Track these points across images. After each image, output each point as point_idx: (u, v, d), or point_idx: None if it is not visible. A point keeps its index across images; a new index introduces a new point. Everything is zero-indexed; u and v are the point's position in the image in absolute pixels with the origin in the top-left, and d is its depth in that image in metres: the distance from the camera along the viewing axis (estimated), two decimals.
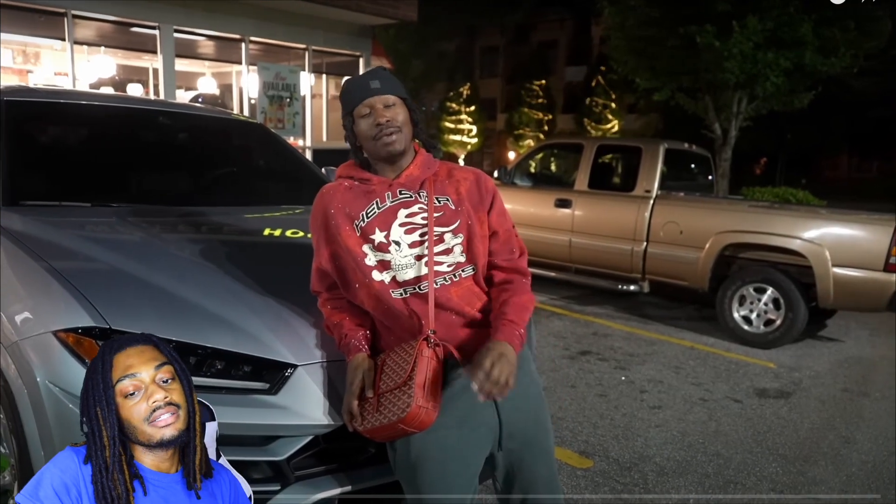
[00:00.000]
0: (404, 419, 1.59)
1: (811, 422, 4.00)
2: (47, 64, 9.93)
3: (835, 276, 5.19)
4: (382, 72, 1.81)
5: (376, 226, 1.74)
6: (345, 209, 1.77)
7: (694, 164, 7.79)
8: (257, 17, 10.53)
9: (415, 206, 1.75)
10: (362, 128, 1.75)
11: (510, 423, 1.74)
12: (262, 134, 3.77)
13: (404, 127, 1.75)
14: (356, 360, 1.75)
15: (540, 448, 1.79)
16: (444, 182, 1.81)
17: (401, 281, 1.72)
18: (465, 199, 1.79)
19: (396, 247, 1.72)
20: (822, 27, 10.26)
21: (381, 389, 1.67)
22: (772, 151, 30.73)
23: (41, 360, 1.81)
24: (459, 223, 1.76)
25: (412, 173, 1.78)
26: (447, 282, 1.72)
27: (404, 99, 1.78)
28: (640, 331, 5.91)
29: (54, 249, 2.15)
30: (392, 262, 1.72)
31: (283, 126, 10.87)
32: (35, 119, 2.99)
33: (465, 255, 1.75)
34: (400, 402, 1.61)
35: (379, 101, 1.74)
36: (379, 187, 1.77)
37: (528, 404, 1.78)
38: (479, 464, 1.75)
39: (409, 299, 1.71)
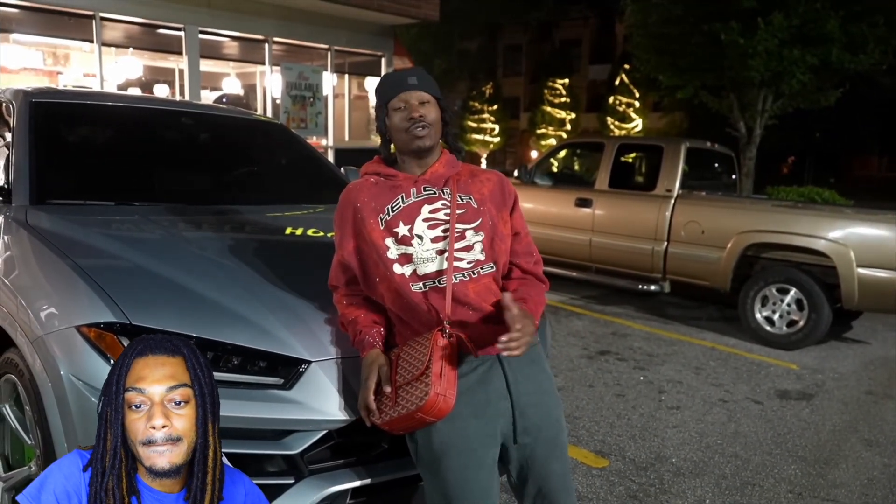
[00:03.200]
0: (423, 407, 1.60)
1: (833, 424, 3.95)
2: (76, 65, 10.13)
3: (860, 276, 5.11)
4: (420, 70, 1.86)
5: (400, 219, 1.77)
6: (371, 203, 1.81)
7: (717, 163, 7.71)
8: (280, 17, 10.64)
9: (438, 203, 1.79)
10: (395, 120, 1.79)
11: (525, 416, 1.76)
12: (282, 134, 3.82)
13: (435, 125, 1.80)
14: (371, 355, 1.77)
15: (553, 443, 1.81)
16: (467, 181, 1.86)
17: (421, 274, 1.75)
18: (488, 199, 1.84)
19: (419, 240, 1.76)
20: (850, 23, 10.10)
21: (398, 382, 1.69)
22: (799, 150, 30.25)
23: (65, 353, 1.86)
24: (481, 221, 1.80)
25: (437, 171, 1.83)
26: (466, 278, 1.75)
27: (438, 99, 1.83)
28: (661, 331, 5.87)
29: (79, 247, 2.20)
30: (414, 255, 1.76)
31: (305, 126, 10.97)
32: (61, 120, 3.06)
33: (484, 254, 1.78)
34: (417, 391, 1.63)
35: (414, 97, 1.78)
36: (405, 183, 1.82)
37: (542, 399, 1.81)
38: (496, 455, 1.77)
39: (429, 293, 1.74)
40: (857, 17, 10.13)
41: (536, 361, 1.85)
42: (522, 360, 1.78)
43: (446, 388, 1.63)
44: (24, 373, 1.98)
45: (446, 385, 1.63)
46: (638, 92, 28.22)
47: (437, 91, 1.84)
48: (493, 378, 1.76)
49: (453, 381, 1.66)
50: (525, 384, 1.78)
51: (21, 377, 2.01)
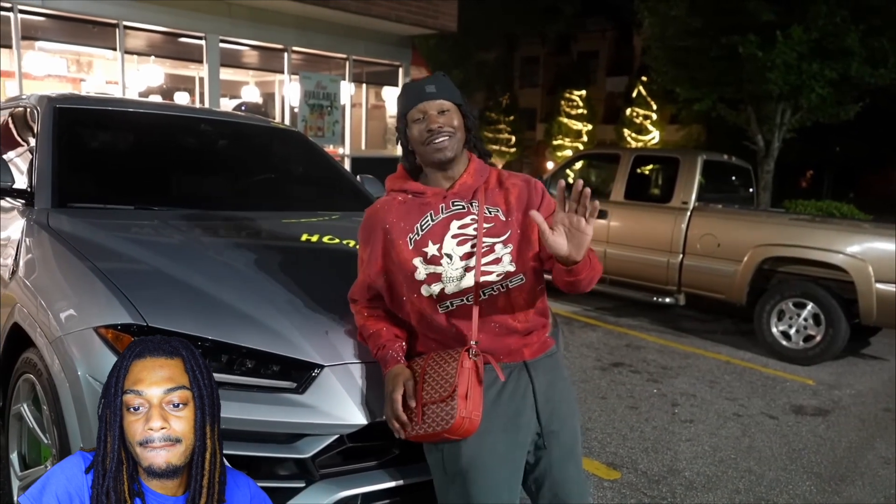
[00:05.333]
0: (449, 430, 1.62)
1: (849, 441, 3.90)
2: (99, 73, 10.30)
3: (878, 292, 5.05)
4: (440, 77, 1.80)
5: (430, 238, 1.74)
6: (400, 223, 1.77)
7: (734, 176, 7.66)
8: (300, 27, 10.76)
9: (467, 218, 1.75)
10: (414, 133, 1.74)
11: (548, 423, 1.77)
12: (299, 141, 3.86)
13: (457, 133, 1.74)
14: (395, 370, 1.76)
15: (570, 450, 1.82)
16: (494, 191, 1.81)
17: (449, 293, 1.73)
18: (515, 207, 1.78)
19: (448, 259, 1.72)
20: (871, 37, 10.00)
21: (425, 400, 1.67)
22: (818, 164, 29.97)
23: (82, 354, 1.89)
24: (510, 234, 1.76)
25: (466, 182, 1.78)
26: (495, 292, 1.73)
27: (459, 105, 1.77)
28: (675, 344, 5.83)
29: (98, 250, 2.24)
30: (443, 274, 1.72)
31: (322, 134, 11.05)
32: (84, 125, 3.12)
33: (514, 265, 1.74)
34: (444, 413, 1.63)
35: (432, 107, 1.73)
36: (434, 199, 1.77)
37: (562, 406, 1.82)
38: (522, 468, 1.78)
39: (455, 311, 1.73)
40: (878, 31, 10.03)
41: (557, 369, 1.85)
42: (545, 367, 1.80)
43: (471, 410, 1.63)
44: (43, 373, 2.01)
45: (472, 407, 1.63)
46: (655, 104, 28.13)
47: (457, 97, 1.78)
48: (522, 387, 1.75)
49: (479, 402, 1.65)
50: (549, 391, 1.79)
51: (39, 377, 2.04)
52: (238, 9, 10.02)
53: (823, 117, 11.41)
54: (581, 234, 1.56)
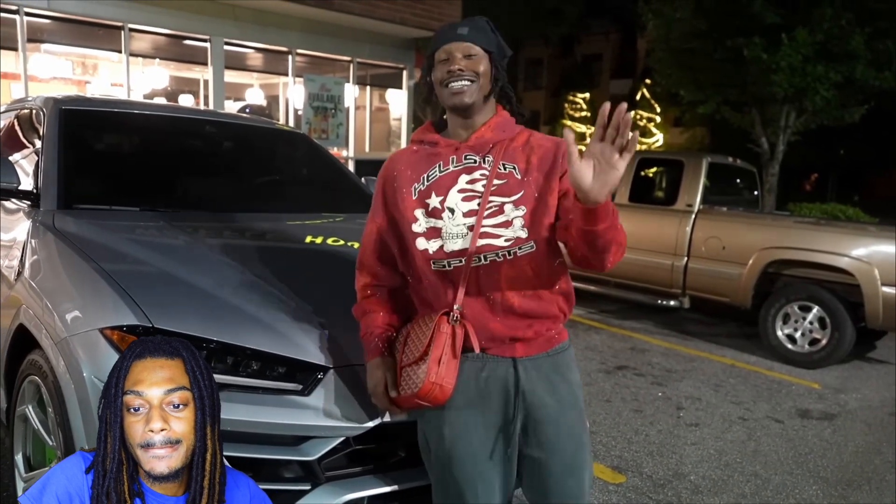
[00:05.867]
0: (418, 394, 1.57)
1: (856, 445, 3.87)
2: (104, 75, 10.32)
3: (884, 295, 5.03)
4: (478, 21, 1.67)
5: (434, 190, 1.63)
6: (408, 171, 1.68)
7: (739, 179, 7.64)
8: (304, 30, 10.78)
9: (477, 173, 1.62)
10: (437, 73, 1.63)
11: (539, 430, 1.65)
12: (304, 143, 3.86)
13: (480, 79, 1.61)
14: (375, 362, 1.71)
15: (571, 460, 1.68)
16: (516, 149, 1.65)
17: (448, 251, 1.60)
18: (536, 168, 1.62)
19: (450, 214, 1.61)
20: (876, 40, 9.99)
21: (404, 362, 1.63)
22: (823, 167, 29.89)
23: (88, 356, 1.89)
24: (523, 194, 1.60)
25: (483, 135, 1.65)
26: (499, 258, 1.59)
27: (491, 53, 1.64)
28: (680, 347, 5.82)
29: (104, 251, 2.24)
30: (443, 229, 1.61)
31: (326, 136, 11.06)
32: (89, 127, 3.12)
33: (526, 231, 1.59)
34: (415, 376, 1.58)
35: (459, 49, 1.61)
36: (445, 150, 1.67)
37: (561, 413, 1.67)
38: (504, 450, 1.66)
39: (451, 272, 1.61)
40: (883, 34, 10.02)
41: (560, 371, 1.70)
42: (544, 369, 1.67)
43: (443, 376, 1.55)
44: (48, 374, 2.01)
45: (444, 374, 1.55)
46: (659, 107, 28.12)
47: (491, 44, 1.64)
48: (502, 378, 1.64)
49: (453, 370, 1.57)
50: (543, 396, 1.65)
51: (45, 379, 2.04)
52: (242, 11, 10.04)
53: (828, 120, 11.39)
54: (610, 168, 1.36)
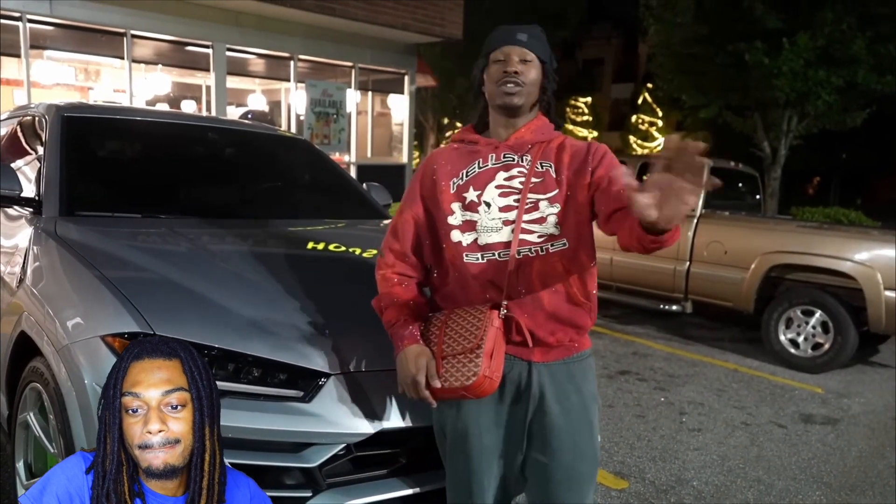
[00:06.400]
0: (468, 387, 1.56)
1: (859, 450, 3.86)
2: (107, 81, 10.36)
3: (887, 299, 5.02)
4: (535, 30, 1.75)
5: (471, 184, 1.71)
6: (447, 167, 1.76)
7: (741, 183, 7.64)
8: (306, 35, 10.80)
9: (515, 170, 1.70)
10: (492, 71, 1.71)
11: (543, 435, 1.67)
12: (306, 149, 3.87)
13: (531, 86, 1.70)
14: (416, 349, 1.67)
15: (570, 471, 1.69)
16: (552, 150, 1.73)
17: (482, 244, 1.67)
18: (567, 166, 1.69)
19: (486, 208, 1.68)
20: (877, 44, 10.00)
21: (445, 353, 1.62)
22: (825, 171, 29.87)
23: (89, 362, 1.89)
24: (558, 192, 1.67)
25: (523, 136, 1.73)
26: (532, 253, 1.65)
27: (544, 63, 1.73)
28: (682, 352, 5.80)
29: (105, 258, 2.24)
30: (478, 223, 1.68)
31: (328, 142, 11.08)
32: (91, 134, 3.13)
33: (559, 228, 1.66)
34: (465, 368, 1.58)
35: (517, 53, 1.69)
36: (484, 149, 1.75)
37: (567, 422, 1.69)
38: (507, 466, 1.72)
39: (486, 265, 1.66)
40: (885, 38, 10.03)
41: (575, 380, 1.71)
42: (558, 376, 1.69)
43: (494, 370, 1.57)
44: (50, 382, 2.01)
45: (494, 368, 1.58)
46: (661, 111, 28.13)
47: (545, 54, 1.73)
48: (516, 379, 1.67)
49: (500, 364, 1.60)
50: (552, 403, 1.67)
51: (46, 386, 2.04)
52: (245, 17, 10.07)
53: (830, 124, 11.40)
54: (679, 202, 1.25)
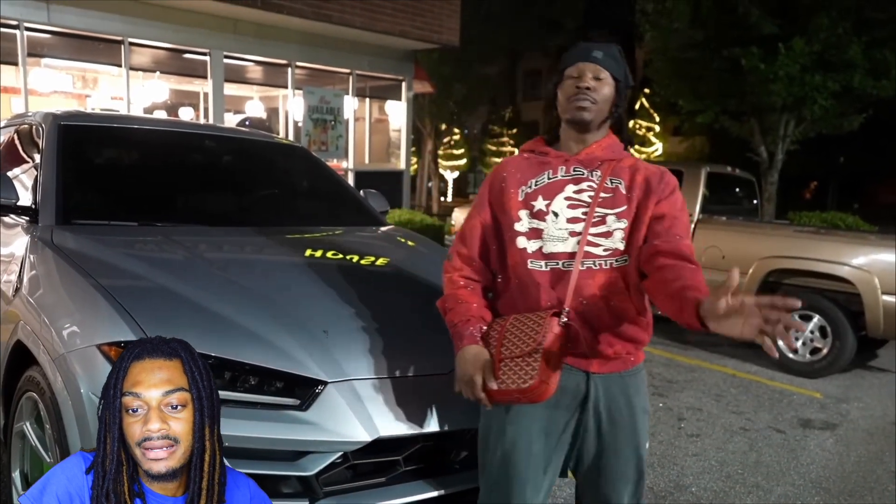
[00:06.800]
0: (524, 390, 1.58)
1: (858, 455, 3.86)
2: (104, 88, 10.36)
3: (885, 304, 5.02)
4: (611, 48, 1.78)
5: (540, 194, 1.75)
6: (517, 175, 1.80)
7: (738, 188, 7.65)
8: (303, 42, 10.82)
9: (584, 184, 1.73)
10: (565, 86, 1.75)
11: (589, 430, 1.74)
12: (303, 156, 3.87)
13: (602, 104, 1.73)
14: (475, 349, 1.70)
15: (608, 481, 1.77)
16: (623, 168, 1.76)
17: (546, 253, 1.71)
18: (639, 186, 1.73)
19: (554, 217, 1.72)
20: (873, 49, 10.04)
21: (504, 355, 1.64)
22: (823, 175, 29.93)
23: (85, 371, 1.88)
24: (626, 208, 1.71)
25: (593, 152, 1.77)
26: (595, 266, 1.69)
27: (618, 81, 1.76)
28: (680, 357, 5.80)
29: (102, 266, 2.24)
30: (545, 231, 1.72)
31: (326, 148, 11.09)
32: (88, 142, 3.13)
33: (624, 243, 1.70)
34: (522, 371, 1.59)
35: (591, 70, 1.73)
36: (555, 160, 1.78)
37: (610, 430, 1.75)
38: (554, 472, 1.77)
39: (549, 273, 1.70)
40: (880, 43, 10.07)
41: (627, 393, 1.75)
42: (613, 389, 1.73)
43: (550, 375, 1.59)
44: (46, 391, 2.01)
45: (552, 373, 1.60)
46: (658, 116, 28.20)
47: (620, 73, 1.76)
48: (573, 390, 1.71)
49: (558, 370, 1.62)
50: (603, 415, 1.73)
51: (42, 395, 2.03)
52: (242, 25, 10.09)
53: (827, 129, 11.42)
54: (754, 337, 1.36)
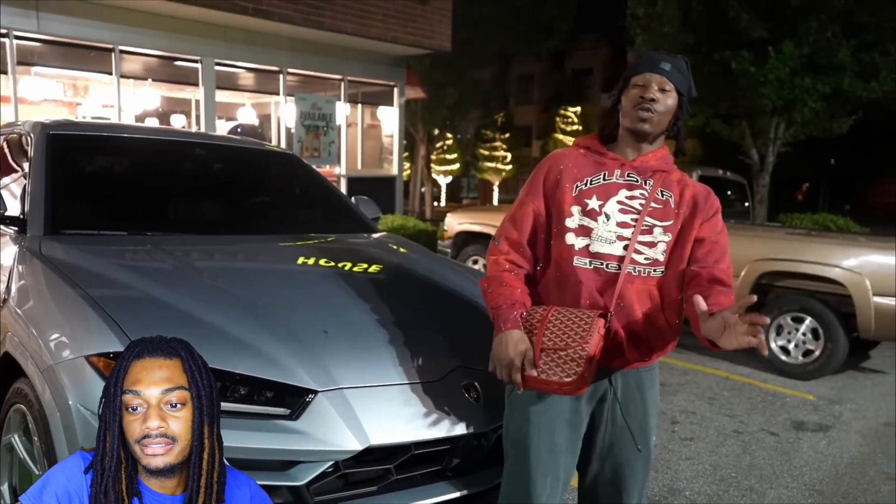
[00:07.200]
0: (564, 384, 1.65)
1: (851, 457, 3.87)
2: (95, 97, 10.33)
3: (876, 305, 5.04)
4: (679, 61, 1.83)
5: (595, 193, 1.79)
6: (573, 169, 1.83)
7: (729, 191, 7.69)
8: (295, 49, 10.82)
9: (637, 191, 1.79)
10: (631, 94, 1.79)
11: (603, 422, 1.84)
12: (293, 164, 3.86)
13: (664, 115, 1.78)
14: (517, 335, 1.73)
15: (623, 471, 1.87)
16: (673, 182, 1.83)
17: (593, 252, 1.76)
18: (686, 204, 1.80)
19: (605, 219, 1.77)
20: (862, 52, 10.11)
21: (545, 345, 1.68)
22: (814, 177, 30.12)
23: (74, 383, 1.87)
24: (673, 223, 1.78)
25: (647, 161, 1.82)
26: (635, 273, 1.75)
27: (682, 95, 1.81)
28: (673, 360, 5.80)
29: (90, 277, 2.23)
30: (594, 231, 1.76)
31: (318, 155, 11.08)
32: (77, 152, 3.12)
33: (665, 255, 1.78)
34: (566, 365, 1.65)
35: (657, 81, 1.77)
36: (611, 163, 1.82)
37: (621, 423, 1.85)
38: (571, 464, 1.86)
39: (592, 272, 1.76)
40: (869, 46, 10.15)
41: (642, 387, 1.88)
42: (632, 383, 1.85)
43: (591, 374, 1.66)
44: (34, 403, 1.99)
45: (592, 371, 1.66)
46: None
47: (684, 86, 1.81)
48: (595, 385, 1.79)
49: (595, 370, 1.68)
50: (620, 406, 1.84)
51: (30, 407, 2.02)
52: (233, 32, 10.08)
53: (817, 131, 11.49)
54: (738, 343, 1.52)
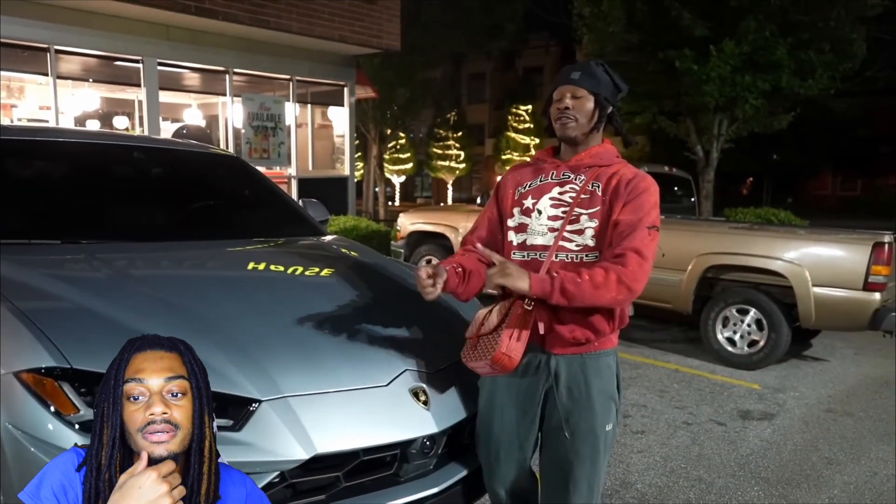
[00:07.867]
0: (490, 361, 1.87)
1: (794, 443, 3.99)
2: (31, 98, 9.93)
3: (816, 296, 5.22)
4: (590, 66, 2.00)
5: (531, 194, 2.03)
6: (517, 177, 2.11)
7: (676, 187, 7.86)
8: (241, 49, 10.61)
9: (568, 186, 1.99)
10: (553, 109, 2.01)
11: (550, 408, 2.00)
12: (237, 166, 3.77)
13: (583, 118, 1.96)
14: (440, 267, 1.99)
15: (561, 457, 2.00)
16: (605, 174, 1.98)
17: (528, 245, 1.99)
18: (612, 189, 1.94)
19: (538, 214, 1.99)
20: (798, 50, 10.45)
21: (482, 332, 1.97)
22: (757, 172, 31.08)
23: (3, 402, 1.78)
24: (598, 209, 1.93)
25: (581, 159, 2.01)
26: (567, 259, 1.94)
27: (597, 94, 1.96)
28: (625, 354, 5.90)
29: (20, 289, 2.13)
30: (529, 226, 2.00)
31: (268, 156, 10.90)
32: (6, 156, 2.98)
33: (594, 241, 1.93)
34: (489, 345, 1.91)
35: (569, 91, 1.97)
36: (549, 166, 2.06)
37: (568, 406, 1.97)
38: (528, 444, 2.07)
39: (529, 263, 1.96)
40: (805, 45, 10.49)
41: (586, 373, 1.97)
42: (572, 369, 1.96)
43: (513, 349, 1.85)
44: None
45: (514, 346, 1.85)
46: None
47: (597, 87, 1.96)
48: (535, 367, 1.98)
49: (522, 345, 1.86)
50: (563, 392, 1.96)
51: None
52: (176, 31, 9.82)
53: (758, 127, 11.84)
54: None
